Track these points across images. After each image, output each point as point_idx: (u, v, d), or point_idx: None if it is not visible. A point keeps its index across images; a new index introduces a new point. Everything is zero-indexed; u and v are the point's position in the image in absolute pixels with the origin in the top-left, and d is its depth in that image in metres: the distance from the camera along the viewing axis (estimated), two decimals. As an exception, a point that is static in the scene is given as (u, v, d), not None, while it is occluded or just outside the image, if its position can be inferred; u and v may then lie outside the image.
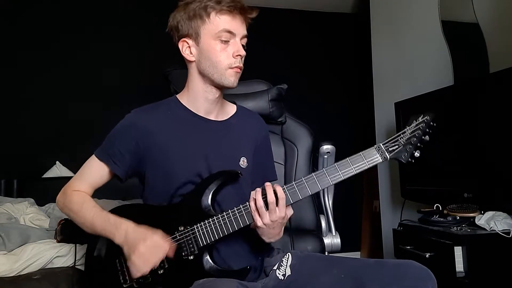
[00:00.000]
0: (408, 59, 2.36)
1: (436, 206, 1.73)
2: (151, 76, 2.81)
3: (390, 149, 1.02)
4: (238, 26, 1.08)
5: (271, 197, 0.98)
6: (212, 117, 1.17)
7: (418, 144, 1.02)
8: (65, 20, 2.83)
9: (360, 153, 1.02)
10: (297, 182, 1.02)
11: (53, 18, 2.81)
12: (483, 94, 1.62)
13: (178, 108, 1.16)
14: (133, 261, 0.98)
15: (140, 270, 0.98)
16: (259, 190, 1.01)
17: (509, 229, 1.39)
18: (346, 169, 1.01)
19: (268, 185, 1.00)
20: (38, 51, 2.75)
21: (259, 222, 0.99)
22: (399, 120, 2.07)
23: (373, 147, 1.03)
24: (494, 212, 1.50)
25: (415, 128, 1.03)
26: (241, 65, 1.10)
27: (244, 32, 1.10)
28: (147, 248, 0.97)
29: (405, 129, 1.04)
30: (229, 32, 1.07)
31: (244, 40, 1.11)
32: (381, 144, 1.03)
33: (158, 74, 2.04)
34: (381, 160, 1.02)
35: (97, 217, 1.06)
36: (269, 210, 0.99)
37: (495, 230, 1.41)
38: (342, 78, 3.41)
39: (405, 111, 2.04)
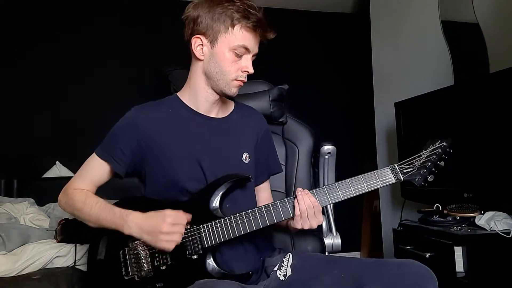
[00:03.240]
0: (408, 59, 2.36)
1: (436, 206, 1.73)
2: (151, 76, 2.82)
3: (404, 171, 1.03)
4: (255, 45, 1.11)
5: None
6: (213, 115, 1.18)
7: (433, 169, 1.03)
8: (65, 19, 2.83)
9: (374, 171, 1.03)
10: None
11: (52, 17, 2.80)
12: (483, 94, 1.62)
13: (179, 106, 1.16)
14: (163, 243, 1.00)
15: (172, 245, 1.01)
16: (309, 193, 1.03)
17: (509, 229, 1.39)
18: (359, 186, 1.02)
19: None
20: (38, 51, 2.74)
21: (297, 211, 1.02)
22: (399, 120, 2.07)
23: (387, 167, 1.04)
24: (494, 212, 1.49)
25: (431, 153, 1.04)
26: (246, 80, 1.12)
27: (257, 50, 1.13)
28: (169, 226, 1.00)
29: (421, 153, 1.04)
30: (246, 48, 1.09)
31: (254, 57, 1.13)
32: (395, 165, 1.04)
33: (158, 74, 2.04)
34: (394, 181, 1.03)
35: (102, 211, 1.07)
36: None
37: (495, 230, 1.41)
38: (342, 78, 3.41)
39: (405, 111, 2.04)
